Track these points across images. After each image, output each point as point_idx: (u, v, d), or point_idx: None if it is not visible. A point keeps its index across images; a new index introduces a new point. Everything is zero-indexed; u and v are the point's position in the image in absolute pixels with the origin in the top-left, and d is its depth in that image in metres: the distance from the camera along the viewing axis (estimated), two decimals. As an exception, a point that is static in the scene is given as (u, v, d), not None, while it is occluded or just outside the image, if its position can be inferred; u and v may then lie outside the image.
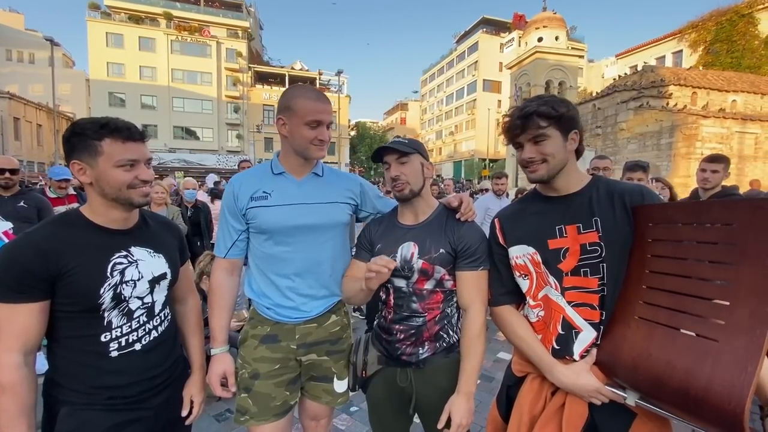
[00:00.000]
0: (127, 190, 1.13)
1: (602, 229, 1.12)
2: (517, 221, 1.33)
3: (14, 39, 37.07)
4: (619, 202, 1.14)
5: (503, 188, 4.71)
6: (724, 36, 22.44)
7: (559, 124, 1.16)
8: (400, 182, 1.41)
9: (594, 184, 1.22)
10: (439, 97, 56.97)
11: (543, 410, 1.19)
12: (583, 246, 1.14)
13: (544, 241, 1.21)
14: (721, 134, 14.26)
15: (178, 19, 35.02)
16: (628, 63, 27.83)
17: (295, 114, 1.39)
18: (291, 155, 1.48)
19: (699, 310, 0.91)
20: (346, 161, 37.90)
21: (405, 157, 1.41)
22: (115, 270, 1.14)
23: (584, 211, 1.17)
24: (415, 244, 1.41)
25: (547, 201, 1.27)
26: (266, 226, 1.44)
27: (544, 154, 1.17)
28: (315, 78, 39.98)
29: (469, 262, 1.37)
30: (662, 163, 14.27)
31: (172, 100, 34.57)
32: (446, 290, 1.42)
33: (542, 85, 25.23)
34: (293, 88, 1.45)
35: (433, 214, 1.48)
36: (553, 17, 26.32)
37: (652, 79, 15.83)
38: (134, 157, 1.13)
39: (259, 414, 1.44)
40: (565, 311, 1.18)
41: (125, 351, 1.17)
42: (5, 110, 25.71)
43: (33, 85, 35.54)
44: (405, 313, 1.42)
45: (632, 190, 1.17)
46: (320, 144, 1.43)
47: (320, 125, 1.41)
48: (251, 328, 1.52)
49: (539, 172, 1.20)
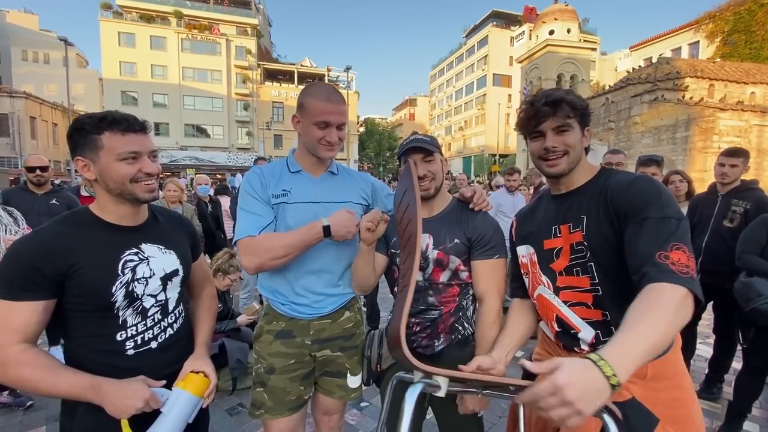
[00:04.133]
0: (131, 184, 1.11)
1: (586, 229, 1.08)
2: (526, 221, 1.33)
3: (29, 40, 37.84)
4: (603, 199, 1.07)
5: (515, 184, 4.67)
6: (742, 26, 21.78)
7: (581, 117, 1.13)
8: (427, 180, 1.43)
9: (596, 178, 1.16)
10: (449, 93, 56.55)
11: None
12: (572, 246, 1.12)
13: (541, 241, 1.21)
14: (740, 127, 13.89)
15: (188, 17, 35.31)
16: (643, 55, 27.22)
17: (306, 113, 1.40)
18: (305, 153, 1.49)
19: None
20: (355, 158, 37.94)
21: (431, 156, 1.43)
22: (126, 267, 1.12)
23: (576, 210, 1.13)
24: (429, 236, 1.43)
25: (553, 200, 1.24)
26: (286, 223, 1.43)
27: (567, 144, 1.11)
28: (323, 74, 40.00)
29: (484, 251, 1.39)
30: (677, 157, 13.96)
31: (183, 98, 34.92)
32: (462, 283, 1.43)
33: (553, 79, 24.88)
34: (310, 86, 1.45)
35: (447, 207, 1.50)
36: (564, 9, 25.89)
37: (667, 72, 15.45)
38: (135, 148, 1.10)
39: (274, 408, 1.46)
40: (560, 310, 1.17)
41: (142, 349, 1.16)
42: (22, 110, 26.26)
43: (48, 84, 36.27)
44: (421, 306, 1.44)
45: (618, 183, 1.06)
46: (328, 145, 1.42)
47: (328, 126, 1.39)
48: (266, 323, 1.53)
49: (560, 165, 1.13)
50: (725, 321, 2.88)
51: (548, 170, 1.16)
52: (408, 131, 61.68)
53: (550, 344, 1.28)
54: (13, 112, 25.80)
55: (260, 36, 38.84)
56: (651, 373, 1.06)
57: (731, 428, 2.47)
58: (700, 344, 3.64)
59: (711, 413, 2.75)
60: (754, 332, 2.37)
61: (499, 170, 30.62)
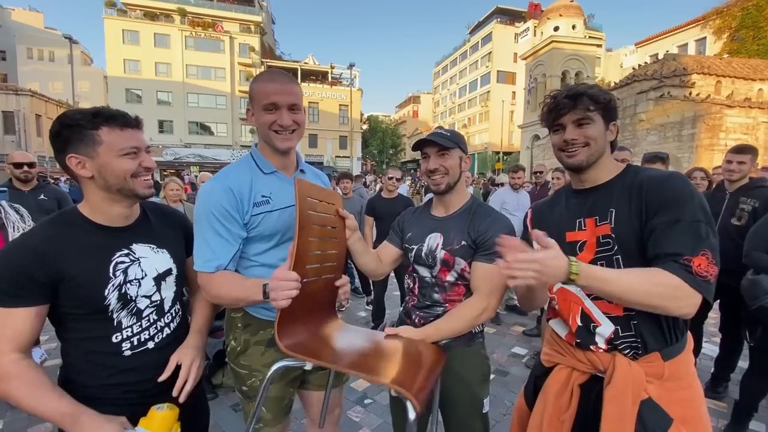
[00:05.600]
0: (132, 179, 1.10)
1: (615, 222, 1.09)
2: (545, 214, 1.33)
3: (34, 37, 37.96)
4: (636, 192, 1.08)
5: (520, 182, 4.65)
6: (750, 22, 21.49)
7: (603, 111, 1.13)
8: (438, 175, 1.42)
9: (623, 174, 1.17)
10: (452, 90, 56.29)
11: (570, 402, 1.16)
12: (598, 239, 1.12)
13: (563, 233, 1.20)
14: (747, 124, 13.73)
15: (191, 14, 35.30)
16: (649, 52, 26.94)
17: (254, 100, 1.29)
18: (267, 149, 1.36)
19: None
20: (358, 155, 37.89)
21: (445, 151, 1.41)
22: (117, 269, 1.10)
23: (603, 203, 1.14)
24: (440, 235, 1.44)
25: (575, 194, 1.25)
26: (273, 230, 1.32)
27: (587, 137, 1.13)
28: (327, 72, 39.92)
29: (486, 253, 1.36)
30: (684, 154, 13.84)
31: (187, 95, 34.96)
32: (468, 283, 1.43)
33: (558, 76, 24.71)
34: (257, 75, 1.34)
35: (462, 206, 1.48)
36: (569, 5, 25.68)
37: (673, 68, 15.29)
38: (135, 143, 1.10)
39: (273, 420, 1.40)
40: (584, 303, 1.17)
41: (138, 350, 1.15)
42: (27, 107, 26.40)
43: (53, 82, 36.42)
44: (427, 302, 1.46)
45: (652, 178, 1.08)
46: (280, 130, 1.27)
47: (278, 108, 1.25)
48: (251, 335, 1.39)
49: (579, 156, 1.15)
50: (732, 319, 2.86)
51: (568, 161, 1.18)
52: (411, 129, 61.59)
53: (562, 343, 1.27)
54: (18, 109, 25.94)
55: (264, 33, 38.79)
56: (668, 373, 1.08)
57: (737, 427, 2.46)
58: (706, 343, 3.62)
59: (717, 412, 2.74)
60: (761, 330, 2.35)
61: (503, 168, 30.54)
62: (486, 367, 1.48)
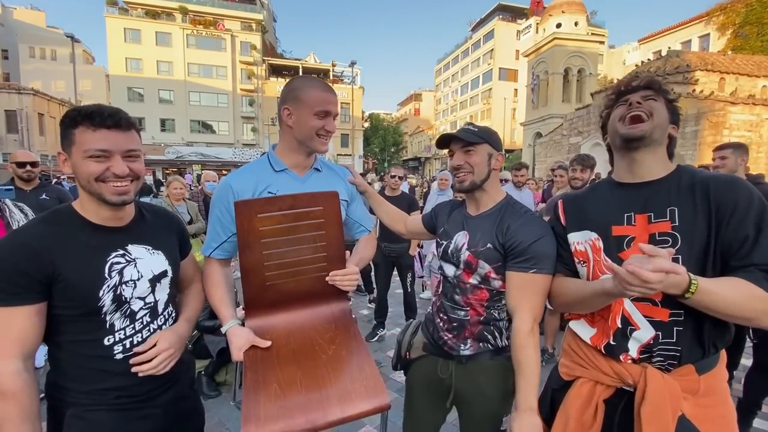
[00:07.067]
0: (96, 183, 1.03)
1: (679, 220, 1.03)
2: (582, 205, 1.25)
3: (36, 36, 38.09)
4: (702, 194, 1.03)
5: (523, 179, 4.64)
6: (754, 18, 21.35)
7: (668, 104, 1.14)
8: (462, 172, 1.36)
9: (677, 173, 1.12)
10: (454, 87, 56.11)
11: (594, 418, 1.10)
12: (652, 236, 1.06)
13: (609, 226, 1.14)
14: (751, 121, 13.65)
15: (193, 13, 35.30)
16: (652, 48, 26.81)
17: (303, 104, 1.35)
18: (294, 149, 1.43)
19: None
20: (360, 153, 37.88)
21: (471, 147, 1.35)
22: (113, 270, 1.07)
23: (659, 200, 1.08)
24: (466, 234, 1.39)
25: (621, 187, 1.18)
26: None
27: (651, 108, 1.11)
28: (328, 70, 39.89)
29: (519, 261, 1.25)
30: (687, 152, 13.77)
31: (189, 94, 35.01)
32: (493, 289, 1.34)
33: (560, 73, 24.64)
34: (300, 78, 1.43)
35: (494, 207, 1.39)
36: (572, 2, 25.55)
37: (677, 65, 15.21)
38: (104, 146, 1.01)
39: None
40: (624, 305, 1.10)
41: (130, 353, 1.11)
42: (29, 106, 26.45)
43: (56, 81, 36.55)
44: (448, 303, 1.42)
45: (716, 180, 1.04)
46: (326, 134, 1.39)
47: (328, 116, 1.37)
48: None
49: (642, 126, 1.10)
50: (735, 317, 2.85)
51: (629, 131, 1.12)
52: (413, 127, 61.53)
53: (583, 354, 1.20)
54: (21, 108, 26.00)
55: (265, 31, 38.77)
56: (703, 388, 1.04)
57: (741, 425, 2.45)
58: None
59: (720, 410, 2.73)
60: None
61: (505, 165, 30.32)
62: (511, 382, 1.27)
